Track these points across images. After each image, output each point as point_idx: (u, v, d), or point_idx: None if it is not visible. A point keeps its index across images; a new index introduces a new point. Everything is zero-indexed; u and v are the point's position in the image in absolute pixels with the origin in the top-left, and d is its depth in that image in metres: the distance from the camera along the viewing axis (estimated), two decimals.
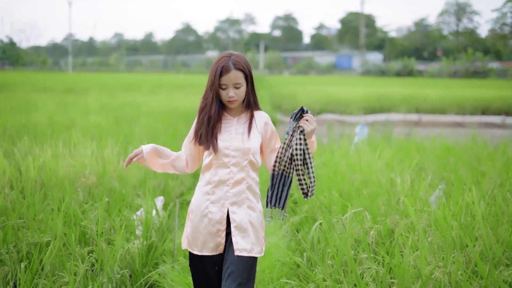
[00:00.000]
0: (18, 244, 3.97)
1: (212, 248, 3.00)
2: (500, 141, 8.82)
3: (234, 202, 2.99)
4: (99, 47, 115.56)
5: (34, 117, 11.43)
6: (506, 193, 4.71)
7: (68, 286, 3.37)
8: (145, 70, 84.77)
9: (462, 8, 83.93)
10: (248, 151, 3.01)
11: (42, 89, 24.88)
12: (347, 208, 4.82)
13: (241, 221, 2.98)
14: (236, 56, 3.00)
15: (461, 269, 3.22)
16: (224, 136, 3.03)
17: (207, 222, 2.99)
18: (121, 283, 4.00)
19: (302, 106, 3.02)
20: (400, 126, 16.35)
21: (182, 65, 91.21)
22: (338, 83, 39.41)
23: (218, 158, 3.00)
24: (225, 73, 2.95)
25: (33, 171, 5.80)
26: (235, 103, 3.01)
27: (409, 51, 78.55)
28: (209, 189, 3.02)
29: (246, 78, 3.01)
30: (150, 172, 6.60)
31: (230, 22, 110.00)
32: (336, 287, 3.35)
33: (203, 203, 3.01)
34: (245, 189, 3.02)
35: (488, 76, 59.55)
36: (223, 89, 2.99)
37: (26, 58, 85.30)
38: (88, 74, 56.60)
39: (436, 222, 3.87)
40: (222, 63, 2.96)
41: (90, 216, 4.59)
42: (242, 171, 3.02)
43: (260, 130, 3.09)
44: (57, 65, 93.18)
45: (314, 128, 2.96)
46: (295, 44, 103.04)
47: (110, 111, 13.79)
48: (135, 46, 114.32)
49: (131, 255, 4.19)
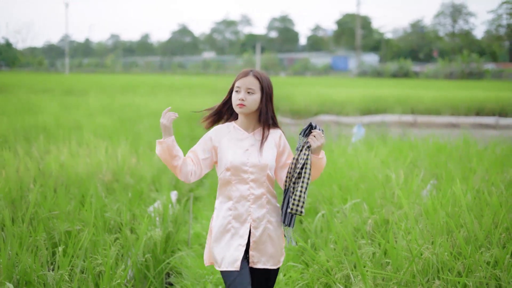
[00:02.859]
0: (51, 233, 4.43)
1: (230, 263, 3.02)
2: (491, 141, 9.26)
3: (256, 217, 3.05)
4: (95, 48, 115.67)
5: (40, 118, 11.85)
6: (491, 187, 5.19)
7: (102, 267, 3.82)
8: (142, 71, 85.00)
9: (457, 9, 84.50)
10: (265, 167, 3.07)
11: (41, 90, 25.26)
12: (347, 200, 5.28)
13: (260, 236, 3.06)
14: (258, 70, 3.12)
15: (447, 251, 3.67)
16: (240, 152, 3.08)
17: (230, 237, 3.05)
18: (145, 267, 4.47)
19: (311, 122, 3.06)
20: (396, 127, 16.74)
21: (178, 66, 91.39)
22: (334, 85, 39.88)
23: (236, 174, 3.06)
24: (241, 77, 3.07)
25: (54, 168, 6.24)
26: (244, 108, 3.06)
27: (405, 53, 78.95)
28: (231, 205, 3.07)
29: (261, 89, 3.08)
30: (162, 169, 7.08)
31: (227, 24, 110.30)
32: (338, 266, 3.82)
33: (225, 219, 3.07)
34: (265, 204, 3.09)
35: (484, 77, 59.91)
36: (236, 92, 3.08)
37: (23, 59, 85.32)
38: (85, 76, 56.99)
39: (426, 211, 4.34)
40: (242, 71, 3.12)
41: (112, 208, 5.05)
42: (261, 186, 3.08)
43: (275, 145, 3.14)
44: (53, 66, 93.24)
45: (320, 144, 3.01)
46: (291, 46, 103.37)
47: (112, 112, 14.23)
48: (131, 47, 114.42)
49: (154, 241, 4.65)
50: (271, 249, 3.09)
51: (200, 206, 6.91)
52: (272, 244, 3.09)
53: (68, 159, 6.69)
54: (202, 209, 6.71)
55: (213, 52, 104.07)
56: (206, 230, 5.60)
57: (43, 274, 3.39)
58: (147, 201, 5.95)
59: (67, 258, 3.67)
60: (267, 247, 3.08)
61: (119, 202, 5.32)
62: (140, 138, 9.33)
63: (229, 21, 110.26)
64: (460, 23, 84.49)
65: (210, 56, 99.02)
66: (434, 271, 3.56)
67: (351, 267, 3.84)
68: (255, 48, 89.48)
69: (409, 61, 69.32)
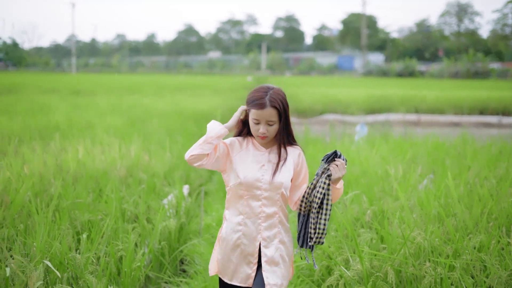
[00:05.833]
0: (73, 222, 4.81)
1: (242, 279, 3.00)
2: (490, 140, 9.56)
3: (267, 237, 2.97)
4: (101, 48, 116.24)
5: (52, 118, 12.26)
6: (483, 181, 5.54)
7: (123, 252, 4.19)
8: (147, 71, 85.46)
9: (463, 9, 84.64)
10: (280, 185, 2.96)
11: (49, 91, 25.67)
12: (347, 193, 5.63)
13: (272, 256, 2.96)
14: (273, 92, 2.94)
15: (438, 237, 4.01)
16: (256, 167, 2.98)
17: (239, 253, 2.99)
18: (160, 254, 4.85)
19: (336, 150, 2.95)
20: (399, 126, 17.01)
21: (184, 66, 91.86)
22: (339, 84, 40.18)
23: (249, 190, 2.96)
24: (258, 108, 2.89)
25: (71, 165, 6.62)
26: (266, 139, 2.96)
27: (410, 52, 79.07)
28: (241, 220, 2.99)
29: (279, 116, 2.93)
30: (174, 165, 7.49)
31: (232, 23, 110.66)
32: (339, 251, 4.18)
33: (235, 234, 2.99)
34: (277, 223, 2.99)
35: (489, 77, 59.94)
36: (255, 124, 2.94)
37: (29, 59, 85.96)
38: (92, 76, 57.58)
39: (420, 202, 4.69)
40: (257, 98, 2.92)
41: (129, 201, 5.44)
42: (274, 205, 2.98)
43: (293, 164, 3.03)
44: (59, 66, 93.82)
45: (341, 175, 2.92)
46: (297, 45, 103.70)
47: (122, 113, 14.64)
48: (137, 47, 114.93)
49: (169, 230, 5.03)
50: (283, 270, 3.01)
51: (210, 200, 7.29)
52: (284, 264, 3.01)
53: (84, 156, 7.08)
54: (212, 202, 7.09)
55: (219, 51, 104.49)
56: (216, 221, 5.98)
57: (72, 257, 3.75)
58: (160, 194, 6.35)
59: (91, 244, 4.05)
60: (280, 268, 2.99)
61: (134, 195, 5.71)
62: (151, 137, 9.73)
63: (235, 20, 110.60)
64: (466, 23, 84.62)
65: (216, 56, 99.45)
66: (425, 254, 3.91)
67: (351, 252, 4.20)
68: (260, 48, 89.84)
69: (415, 60, 69.41)
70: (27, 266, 3.47)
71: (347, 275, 3.76)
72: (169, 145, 8.64)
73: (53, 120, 11.91)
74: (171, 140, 9.33)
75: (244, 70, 78.91)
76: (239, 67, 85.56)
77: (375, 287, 3.64)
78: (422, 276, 3.65)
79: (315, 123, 18.81)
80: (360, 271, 3.76)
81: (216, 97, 22.53)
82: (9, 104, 16.30)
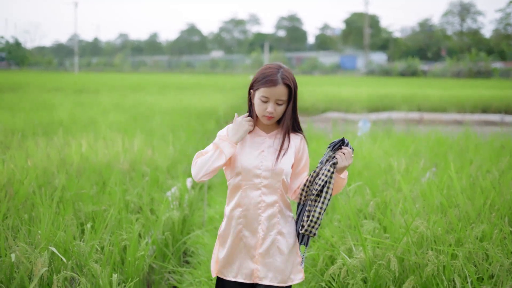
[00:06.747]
0: (77, 214, 4.83)
1: (246, 275, 2.84)
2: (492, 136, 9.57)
3: (266, 227, 2.79)
4: (104, 47, 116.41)
5: (56, 115, 12.32)
6: (486, 173, 5.55)
7: (127, 242, 4.21)
8: (150, 71, 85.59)
9: (466, 8, 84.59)
10: (281, 172, 2.77)
11: (53, 89, 25.77)
12: (350, 185, 5.64)
13: (268, 248, 2.80)
14: (285, 70, 2.75)
15: (440, 226, 4.03)
16: (255, 153, 2.81)
17: (243, 246, 2.83)
18: (164, 245, 4.87)
19: (343, 138, 2.77)
20: (402, 124, 17.02)
21: (186, 66, 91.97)
22: (342, 84, 40.18)
23: (247, 179, 2.78)
24: (270, 86, 2.70)
25: (75, 158, 6.64)
26: (272, 120, 2.77)
27: (413, 51, 78.97)
28: (239, 212, 2.82)
29: (289, 96, 2.75)
30: (177, 159, 7.52)
31: (235, 23, 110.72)
32: (342, 241, 4.20)
33: (235, 227, 2.83)
34: (277, 213, 2.81)
35: (492, 76, 59.92)
36: (263, 102, 2.74)
37: (32, 59, 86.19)
38: (94, 75, 57.70)
39: (423, 193, 4.71)
40: (269, 74, 2.72)
41: (132, 192, 5.47)
42: (274, 193, 2.80)
43: (295, 150, 2.84)
44: (62, 66, 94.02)
45: (348, 164, 2.74)
46: (300, 45, 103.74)
47: (124, 110, 14.71)
48: (139, 46, 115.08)
49: (172, 221, 5.05)
50: (280, 263, 2.81)
51: (213, 194, 7.32)
52: (282, 258, 2.81)
53: (87, 151, 7.11)
54: (214, 196, 7.12)
55: (221, 51, 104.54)
56: (219, 214, 6.01)
57: (76, 245, 3.77)
58: (164, 187, 6.38)
59: (95, 233, 4.07)
60: (276, 261, 2.81)
61: (138, 187, 5.73)
62: (154, 133, 9.77)
63: (237, 20, 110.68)
64: (468, 22, 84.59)
65: (218, 55, 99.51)
66: (428, 243, 3.92)
67: (354, 241, 4.22)
68: (263, 47, 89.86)
69: (417, 60, 69.36)
70: (32, 253, 3.49)
71: (350, 263, 3.78)
72: (172, 140, 8.67)
73: (57, 116, 11.97)
74: (174, 136, 9.38)
75: (247, 70, 78.92)
76: (241, 66, 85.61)
77: (377, 275, 3.65)
78: (424, 264, 3.66)
79: (317, 121, 18.81)
80: (363, 259, 3.78)
81: (219, 95, 22.60)
82: (12, 101, 16.36)
